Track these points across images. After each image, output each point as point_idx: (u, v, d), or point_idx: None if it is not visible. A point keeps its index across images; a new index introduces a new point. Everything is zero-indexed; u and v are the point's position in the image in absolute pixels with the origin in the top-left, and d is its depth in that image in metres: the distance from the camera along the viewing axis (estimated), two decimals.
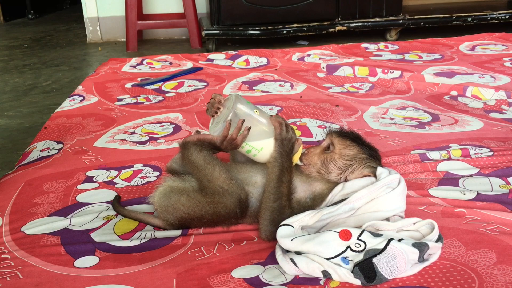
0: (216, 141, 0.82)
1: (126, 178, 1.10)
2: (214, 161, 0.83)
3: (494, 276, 0.73)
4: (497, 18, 2.60)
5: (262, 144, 0.83)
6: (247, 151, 0.85)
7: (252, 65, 2.01)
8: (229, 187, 0.82)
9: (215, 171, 0.82)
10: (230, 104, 0.83)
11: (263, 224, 0.83)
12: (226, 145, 0.82)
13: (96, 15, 2.95)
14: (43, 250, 0.85)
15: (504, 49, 2.08)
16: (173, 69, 2.00)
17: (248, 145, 0.83)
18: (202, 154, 0.82)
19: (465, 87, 1.57)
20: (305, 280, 0.74)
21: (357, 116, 1.41)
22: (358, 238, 0.75)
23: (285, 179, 0.82)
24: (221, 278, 0.75)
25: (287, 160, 0.83)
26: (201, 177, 0.83)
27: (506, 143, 1.18)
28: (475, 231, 0.84)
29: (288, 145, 0.83)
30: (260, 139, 0.83)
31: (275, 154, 0.83)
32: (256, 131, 0.83)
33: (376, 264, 0.71)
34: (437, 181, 1.03)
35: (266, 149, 0.84)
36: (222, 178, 0.82)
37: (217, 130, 0.83)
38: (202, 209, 0.84)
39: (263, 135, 0.83)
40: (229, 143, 0.82)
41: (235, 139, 0.81)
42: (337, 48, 2.21)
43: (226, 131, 0.81)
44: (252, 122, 0.82)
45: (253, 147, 0.83)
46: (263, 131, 0.83)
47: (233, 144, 0.82)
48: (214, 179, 0.81)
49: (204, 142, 0.83)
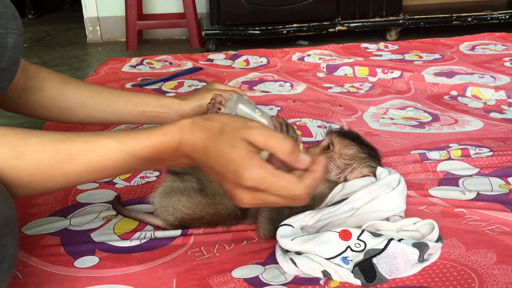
0: None
1: (126, 178, 1.10)
2: None
3: (494, 276, 0.74)
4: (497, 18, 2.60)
5: None
6: None
7: (252, 65, 2.01)
8: None
9: None
10: (231, 104, 0.83)
11: (261, 222, 0.84)
12: None
13: (96, 15, 2.94)
14: (43, 250, 0.85)
15: (504, 49, 2.08)
16: (173, 69, 2.00)
17: None
18: None
19: (465, 87, 1.57)
20: (305, 280, 0.75)
21: (357, 116, 1.41)
22: (358, 238, 0.75)
23: None
24: (221, 278, 0.76)
25: None
26: (202, 178, 0.83)
27: (506, 143, 1.18)
28: (475, 231, 0.85)
29: None
30: None
31: None
32: None
33: (376, 264, 0.71)
34: (437, 181, 1.03)
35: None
36: None
37: None
38: (203, 210, 0.84)
39: None
40: None
41: None
42: (337, 48, 2.21)
43: None
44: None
45: None
46: None
47: None
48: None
49: None
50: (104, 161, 0.63)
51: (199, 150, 0.62)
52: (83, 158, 0.63)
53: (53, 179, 0.63)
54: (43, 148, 0.61)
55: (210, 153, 0.61)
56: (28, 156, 0.60)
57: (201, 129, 0.62)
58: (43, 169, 0.61)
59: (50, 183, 0.63)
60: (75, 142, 0.63)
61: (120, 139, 0.64)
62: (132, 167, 0.65)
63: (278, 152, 0.60)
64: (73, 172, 0.63)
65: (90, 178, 0.66)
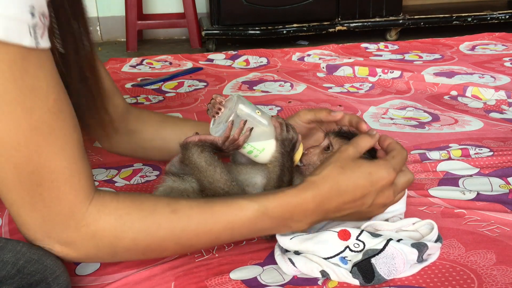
0: (218, 141, 0.82)
1: (126, 177, 1.10)
2: (215, 163, 0.82)
3: (493, 276, 0.73)
4: (497, 18, 2.60)
5: (263, 144, 0.83)
6: (249, 152, 0.84)
7: (252, 65, 2.01)
8: (229, 189, 0.81)
9: (216, 172, 0.81)
10: (231, 105, 0.82)
11: None
12: (227, 146, 0.82)
13: (96, 15, 2.95)
14: None
15: (504, 49, 2.08)
16: (173, 69, 2.00)
17: (250, 146, 0.83)
18: (204, 155, 0.82)
19: (465, 87, 1.57)
20: (303, 280, 0.74)
21: None
22: (357, 238, 0.75)
23: (285, 179, 0.82)
24: (219, 280, 0.75)
25: (288, 160, 0.83)
26: (202, 178, 0.82)
27: (506, 143, 1.18)
28: (474, 232, 0.84)
29: (289, 145, 0.83)
30: (262, 139, 0.83)
31: (277, 154, 0.83)
32: (258, 132, 0.82)
33: (375, 264, 0.71)
34: (437, 181, 1.03)
35: (268, 149, 0.83)
36: (223, 180, 0.81)
37: (219, 131, 0.82)
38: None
39: (265, 136, 0.83)
40: (230, 143, 0.81)
41: (237, 140, 0.81)
42: (337, 48, 2.20)
43: (228, 132, 0.80)
44: (253, 123, 0.82)
45: (254, 147, 0.83)
46: (265, 131, 0.83)
47: (235, 145, 0.81)
48: (215, 181, 0.81)
49: (206, 142, 0.83)
50: (239, 219, 0.70)
51: (332, 196, 0.72)
52: (222, 216, 0.69)
53: (198, 237, 0.69)
54: (191, 206, 0.68)
55: (342, 188, 0.71)
56: (181, 212, 0.67)
57: (322, 181, 0.72)
58: (192, 226, 0.68)
59: (196, 240, 0.69)
60: (215, 203, 0.70)
61: (255, 199, 0.71)
62: (264, 227, 0.72)
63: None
64: (216, 231, 0.69)
65: (227, 238, 0.72)
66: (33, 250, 0.60)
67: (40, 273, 0.58)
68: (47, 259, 0.60)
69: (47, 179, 0.58)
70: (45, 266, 0.59)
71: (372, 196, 0.72)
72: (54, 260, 0.62)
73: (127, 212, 0.65)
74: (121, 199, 0.66)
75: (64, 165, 0.58)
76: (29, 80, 0.54)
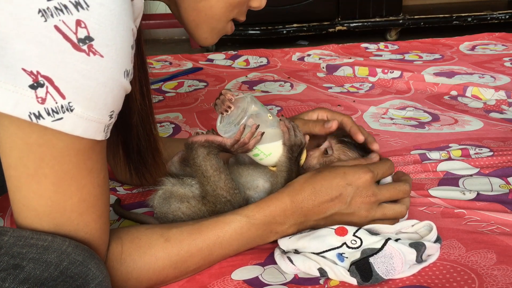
0: (227, 143, 0.80)
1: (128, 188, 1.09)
2: (221, 168, 0.80)
3: (494, 276, 0.73)
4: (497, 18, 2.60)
5: (271, 149, 0.82)
6: (255, 155, 0.83)
7: (252, 65, 2.01)
8: (232, 197, 0.80)
9: (221, 179, 0.80)
10: (244, 105, 0.80)
11: None
12: (236, 148, 0.80)
13: None
14: None
15: (504, 49, 2.08)
16: (173, 69, 2.00)
17: (257, 149, 0.81)
18: (210, 158, 0.80)
19: (465, 87, 1.57)
20: (304, 280, 0.75)
21: (357, 116, 1.41)
22: (354, 234, 0.75)
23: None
24: (220, 283, 0.75)
25: (295, 165, 0.82)
26: (205, 183, 0.81)
27: (506, 143, 1.18)
28: (475, 232, 0.84)
29: (297, 151, 0.82)
30: (269, 143, 0.82)
31: (284, 159, 0.82)
32: (267, 136, 0.81)
33: (373, 264, 0.71)
34: (437, 181, 1.03)
35: (274, 154, 0.82)
36: (226, 188, 0.80)
37: (229, 132, 0.80)
38: (203, 218, 0.83)
39: (273, 139, 0.82)
40: (240, 146, 0.80)
41: (247, 144, 0.80)
42: (337, 48, 2.20)
43: (239, 136, 0.79)
44: (264, 127, 0.81)
45: (261, 151, 0.82)
46: (273, 135, 0.82)
47: (244, 148, 0.80)
48: (218, 188, 0.80)
49: (213, 144, 0.80)
50: (226, 231, 0.75)
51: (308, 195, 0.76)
52: (210, 232, 0.74)
53: (192, 257, 0.73)
54: (182, 231, 0.74)
55: (317, 187, 0.76)
56: (173, 239, 0.72)
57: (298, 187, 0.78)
58: (185, 248, 0.73)
59: (191, 260, 0.74)
60: (203, 223, 0.75)
61: (238, 211, 0.76)
62: (251, 236, 0.76)
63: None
64: (206, 248, 0.74)
65: (220, 253, 0.76)
66: (78, 250, 0.59)
67: (82, 277, 0.57)
68: (91, 261, 0.59)
69: (81, 237, 0.63)
70: (88, 269, 0.58)
71: (350, 194, 0.76)
72: (98, 264, 0.60)
73: (129, 253, 0.70)
74: (124, 241, 0.71)
75: (98, 227, 0.64)
76: (89, 163, 0.60)
